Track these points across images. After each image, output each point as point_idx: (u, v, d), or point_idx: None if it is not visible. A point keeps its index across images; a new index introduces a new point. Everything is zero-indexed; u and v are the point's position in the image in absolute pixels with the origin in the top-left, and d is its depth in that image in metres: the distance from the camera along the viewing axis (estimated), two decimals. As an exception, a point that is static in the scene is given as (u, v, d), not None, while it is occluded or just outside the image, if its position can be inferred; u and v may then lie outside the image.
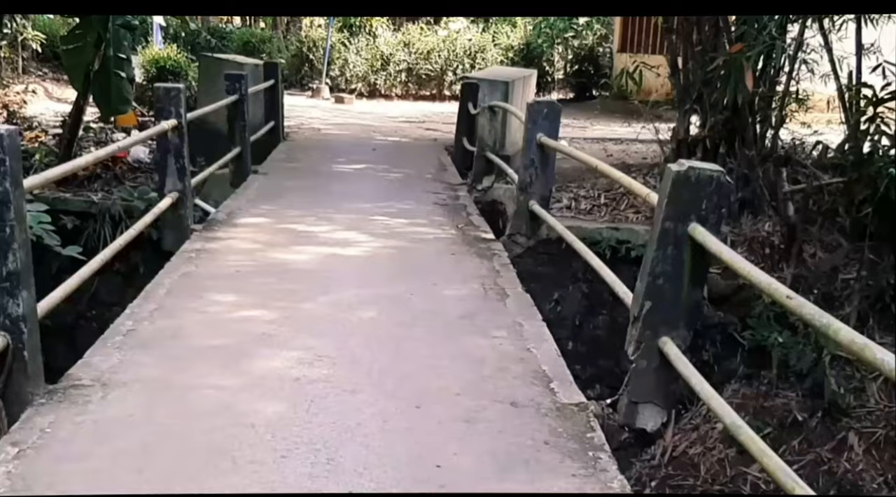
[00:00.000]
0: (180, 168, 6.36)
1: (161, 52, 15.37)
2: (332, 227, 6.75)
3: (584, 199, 10.37)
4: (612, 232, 8.92)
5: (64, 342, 9.63)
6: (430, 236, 6.67)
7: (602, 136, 14.39)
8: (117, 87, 9.71)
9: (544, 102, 6.43)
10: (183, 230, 6.42)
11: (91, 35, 9.59)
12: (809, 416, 7.58)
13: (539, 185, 6.50)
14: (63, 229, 9.42)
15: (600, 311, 9.10)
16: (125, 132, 13.56)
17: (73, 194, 9.71)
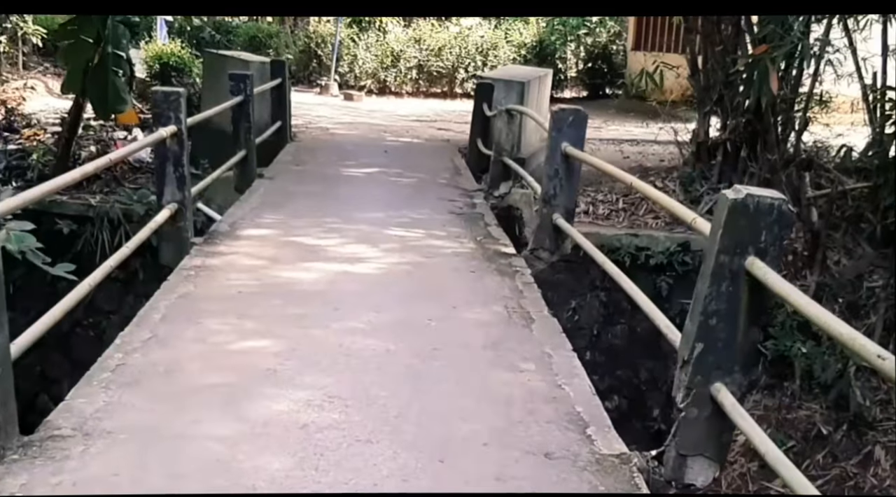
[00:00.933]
0: (180, 177, 5.94)
1: (165, 48, 14.95)
2: (342, 240, 6.33)
3: (602, 203, 9.99)
4: (632, 238, 8.57)
5: (59, 351, 9.32)
6: (448, 251, 6.24)
7: (617, 136, 13.97)
8: (115, 86, 9.37)
9: (569, 109, 5.99)
10: (182, 243, 6.00)
11: (89, 31, 9.21)
12: (834, 429, 7.26)
13: (563, 197, 6.06)
14: (58, 235, 9.05)
15: (619, 320, 8.76)
16: (126, 130, 13.21)
17: (70, 197, 9.33)
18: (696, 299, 3.40)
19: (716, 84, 10.15)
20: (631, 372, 8.93)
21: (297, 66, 19.29)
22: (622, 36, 19.92)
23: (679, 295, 8.55)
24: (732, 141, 9.89)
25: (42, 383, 9.38)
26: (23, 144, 12.35)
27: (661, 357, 8.74)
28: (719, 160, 9.99)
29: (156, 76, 14.37)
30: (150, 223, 5.59)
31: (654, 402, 8.90)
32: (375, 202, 7.79)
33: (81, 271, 8.92)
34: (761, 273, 3.17)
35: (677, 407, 3.47)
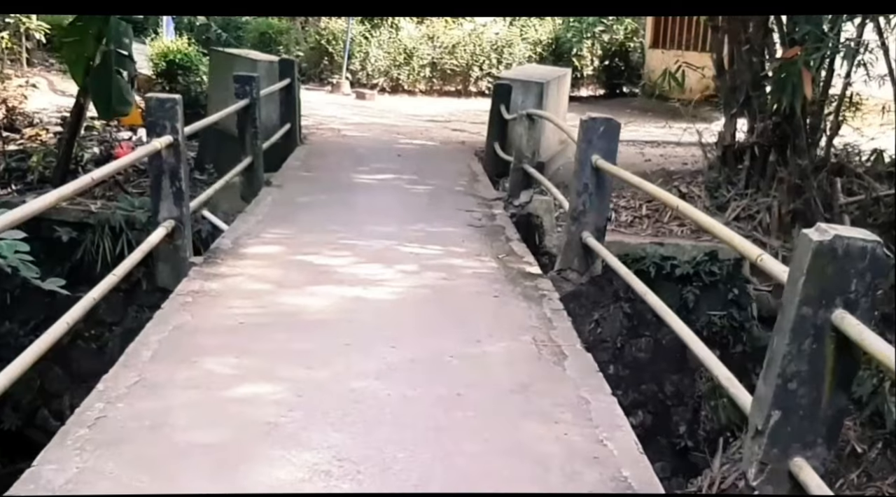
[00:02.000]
0: (177, 192, 5.42)
1: (171, 45, 14.42)
2: (354, 259, 5.80)
3: (625, 210, 9.50)
4: (657, 248, 8.09)
5: (59, 364, 8.82)
6: (468, 271, 5.71)
7: (638, 138, 13.39)
8: (118, 86, 8.91)
9: (601, 119, 5.45)
10: (180, 264, 5.49)
11: (91, 29, 8.74)
12: (869, 448, 6.83)
13: (593, 213, 5.53)
14: (57, 243, 8.56)
15: (643, 332, 8.29)
16: (131, 131, 12.73)
17: (70, 202, 8.83)
18: (771, 359, 2.85)
19: (743, 85, 9.65)
20: (656, 386, 8.49)
21: (308, 63, 18.74)
22: (639, 33, 19.34)
23: (706, 306, 8.13)
24: (760, 144, 9.40)
25: (42, 397, 8.92)
26: (24, 145, 11.89)
27: (688, 370, 8.31)
28: (746, 164, 9.48)
29: (162, 75, 13.86)
30: (144, 244, 5.08)
31: (680, 417, 8.44)
32: (389, 214, 7.26)
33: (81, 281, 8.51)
34: (852, 330, 2.63)
35: (748, 483, 2.93)
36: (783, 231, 8.89)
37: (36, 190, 9.79)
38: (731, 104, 9.94)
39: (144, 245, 4.99)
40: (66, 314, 3.76)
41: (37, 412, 8.94)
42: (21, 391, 8.65)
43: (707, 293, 8.01)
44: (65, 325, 3.68)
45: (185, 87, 13.34)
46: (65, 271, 8.81)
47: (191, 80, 13.36)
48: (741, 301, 8.14)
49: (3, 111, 13.03)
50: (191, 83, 13.34)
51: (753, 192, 9.33)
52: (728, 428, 8.02)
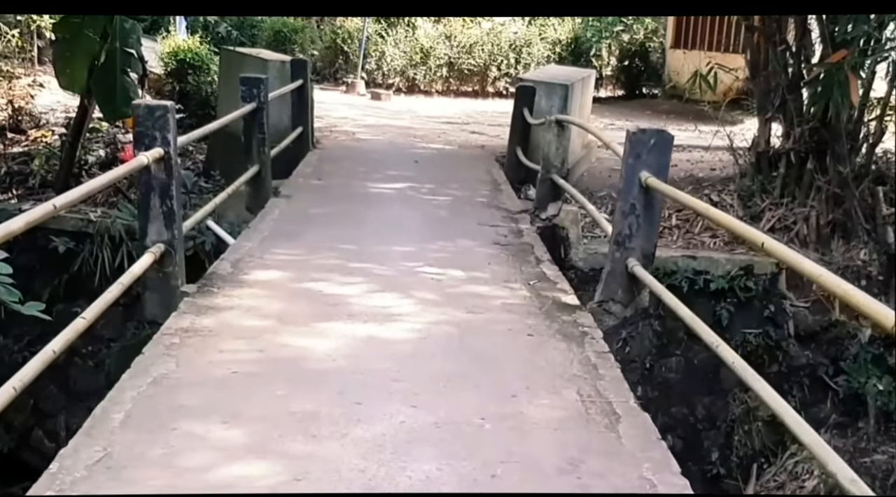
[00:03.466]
0: (168, 212, 4.62)
1: (182, 44, 13.61)
2: (368, 287, 4.98)
3: (651, 219, 8.62)
4: (689, 261, 7.35)
5: (55, 383, 7.99)
6: (497, 301, 4.88)
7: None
8: (122, 87, 8.18)
9: (651, 131, 4.62)
10: (170, 294, 4.70)
11: (94, 26, 8.00)
12: None
13: (641, 238, 4.70)
14: (53, 254, 7.85)
15: (673, 351, 7.52)
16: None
17: (67, 210, 8.07)
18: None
19: (778, 88, 8.84)
20: (686, 409, 7.79)
21: (323, 62, 17.91)
22: (658, 33, 18.42)
23: (740, 324, 7.34)
24: (796, 151, 8.61)
25: (36, 417, 8.22)
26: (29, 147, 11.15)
27: (720, 392, 7.65)
28: (782, 172, 8.69)
29: (171, 74, 13.05)
30: (126, 274, 4.27)
31: (712, 442, 7.76)
32: (406, 230, 6.45)
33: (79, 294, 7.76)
34: None
35: None
36: (821, 243, 8.14)
37: (37, 195, 9.09)
38: (766, 108, 9.17)
39: (126, 276, 4.17)
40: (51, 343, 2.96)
41: (31, 433, 8.25)
42: (13, 411, 7.99)
43: (742, 310, 7.35)
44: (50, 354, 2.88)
45: (195, 88, 12.57)
46: (62, 283, 8.19)
47: (201, 80, 12.54)
48: (777, 318, 7.46)
49: (9, 112, 12.28)
50: (201, 83, 12.53)
51: (789, 202, 8.55)
52: (762, 453, 7.35)
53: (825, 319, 7.43)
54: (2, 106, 12.61)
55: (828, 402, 7.36)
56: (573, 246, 7.47)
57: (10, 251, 8.39)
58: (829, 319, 7.33)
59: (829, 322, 7.32)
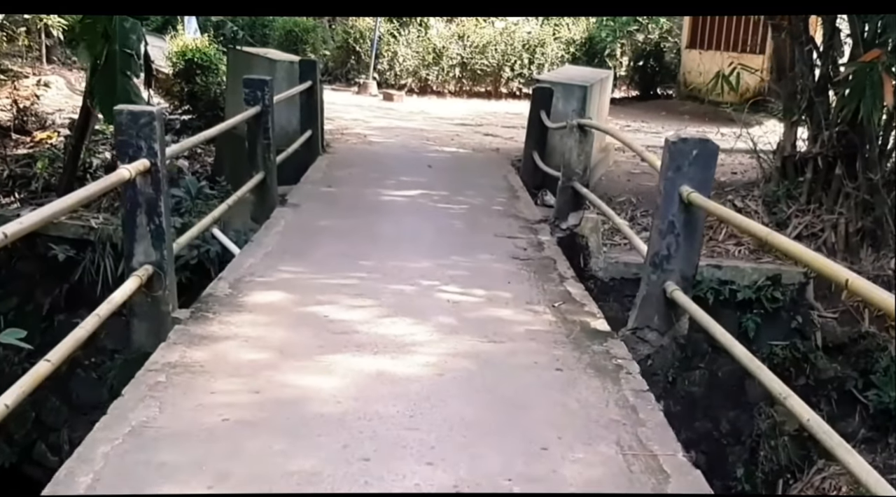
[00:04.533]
0: (156, 230, 4.09)
1: (190, 44, 13.08)
2: (378, 311, 4.43)
3: (675, 226, 8.05)
4: (714, 270, 6.81)
5: (57, 395, 7.42)
6: (519, 328, 4.32)
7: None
8: (123, 88, 7.71)
9: (693, 141, 4.04)
10: (160, 321, 4.16)
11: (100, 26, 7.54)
12: None
13: (680, 259, 4.14)
14: (54, 261, 7.39)
15: (697, 364, 6.96)
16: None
17: (69, 217, 7.59)
18: None
19: (805, 89, 8.27)
20: (710, 423, 7.32)
21: (335, 62, 17.34)
22: (673, 32, 17.79)
23: (767, 335, 6.85)
24: (824, 155, 8.04)
25: (39, 430, 7.75)
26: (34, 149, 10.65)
27: (745, 406, 7.17)
28: (808, 177, 8.13)
29: (179, 74, 12.53)
30: (106, 302, 3.73)
31: (737, 457, 7.31)
32: (420, 243, 5.91)
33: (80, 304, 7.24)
34: None
35: None
36: (850, 251, 7.60)
37: (39, 199, 8.60)
38: (792, 110, 8.60)
39: (104, 307, 3.62)
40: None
41: (33, 446, 7.77)
42: (15, 424, 7.53)
43: (768, 321, 6.86)
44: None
45: (203, 88, 12.06)
46: (63, 293, 7.71)
47: (210, 81, 12.01)
48: (805, 330, 6.96)
49: (13, 112, 11.78)
50: (210, 84, 12.00)
51: (816, 208, 8.00)
52: (788, 469, 6.86)
53: (854, 331, 6.94)
54: (6, 106, 12.13)
55: (856, 416, 6.90)
56: (593, 255, 6.94)
57: (9, 258, 7.99)
58: (859, 331, 6.88)
59: (859, 334, 6.88)
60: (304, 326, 4.18)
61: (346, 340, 4.01)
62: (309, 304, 4.49)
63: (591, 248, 6.94)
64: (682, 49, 16.79)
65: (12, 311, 7.73)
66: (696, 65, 15.71)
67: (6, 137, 11.13)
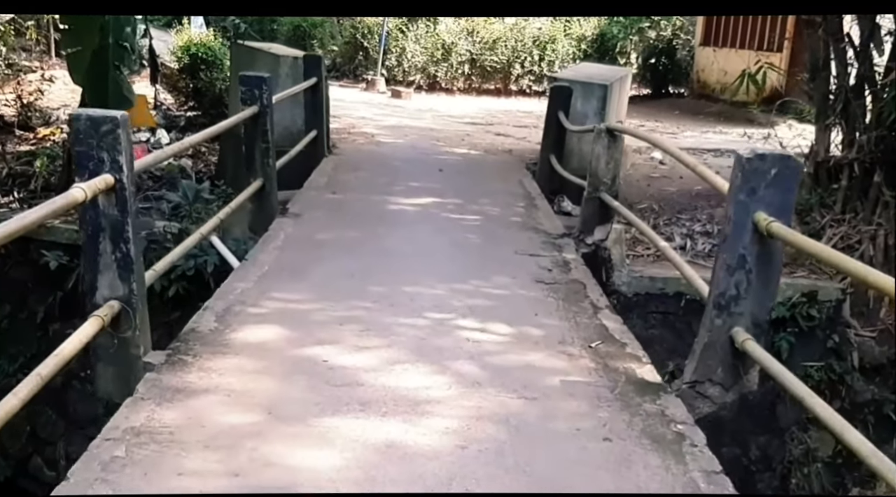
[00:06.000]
0: (122, 259, 3.27)
1: (194, 38, 12.21)
2: (386, 356, 3.61)
3: (702, 235, 7.35)
4: None
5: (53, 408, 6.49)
6: (554, 379, 3.49)
7: (696, 145, 11.05)
8: (116, 84, 6.98)
9: (772, 157, 3.19)
10: (129, 366, 3.35)
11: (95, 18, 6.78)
12: None
13: (752, 301, 3.30)
14: (47, 268, 6.62)
15: None
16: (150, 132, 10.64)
17: (62, 220, 6.83)
18: None
19: (841, 90, 7.43)
20: (739, 448, 6.58)
21: (343, 58, 16.46)
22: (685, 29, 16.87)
23: (802, 356, 6.09)
24: (860, 161, 7.21)
25: (34, 444, 7.21)
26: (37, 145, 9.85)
27: (776, 431, 6.42)
28: (844, 185, 7.30)
29: (184, 69, 11.67)
30: (69, 341, 2.90)
31: (766, 485, 6.63)
32: (434, 262, 5.08)
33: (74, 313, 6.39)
34: None
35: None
36: (890, 265, 6.75)
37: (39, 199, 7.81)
38: (826, 112, 7.75)
39: (51, 360, 2.79)
40: None
41: (29, 460, 7.23)
42: (10, 438, 7.04)
43: (803, 340, 6.11)
44: None
45: (207, 84, 11.18)
46: (56, 301, 6.98)
47: (214, 77, 11.13)
48: (841, 349, 6.28)
49: (17, 107, 10.95)
50: (214, 79, 11.13)
51: (852, 218, 7.16)
52: None
53: (893, 351, 6.19)
54: (9, 101, 11.30)
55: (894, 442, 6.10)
56: (616, 268, 6.14)
57: (3, 264, 7.26)
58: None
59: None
60: (300, 375, 3.35)
61: (348, 396, 3.18)
62: (306, 343, 3.66)
63: (615, 260, 6.14)
64: (696, 47, 15.90)
65: (6, 319, 7.15)
66: (710, 63, 14.81)
67: (9, 134, 10.34)
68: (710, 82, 14.85)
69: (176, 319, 5.92)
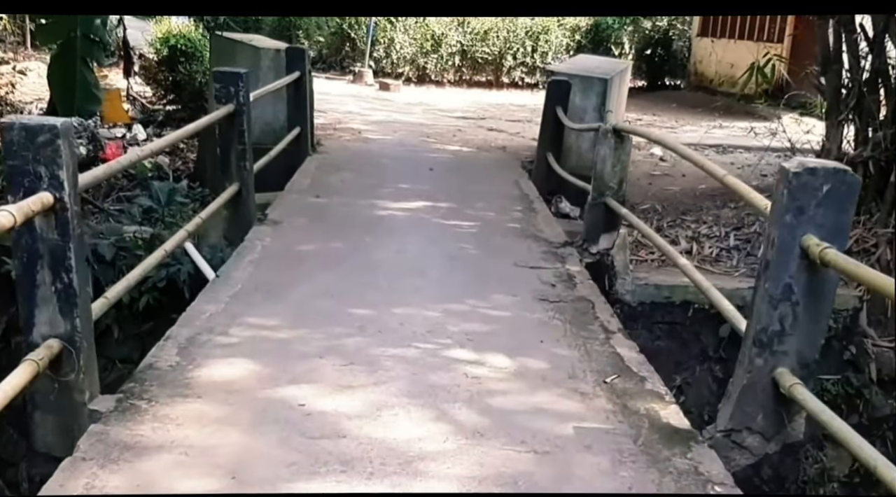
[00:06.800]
0: (64, 290, 2.77)
1: (175, 28, 11.65)
2: (373, 398, 3.11)
3: (708, 238, 6.88)
4: None
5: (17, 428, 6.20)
6: (566, 427, 3.00)
7: (697, 140, 10.59)
8: (84, 80, 6.44)
9: (824, 171, 2.70)
10: (72, 414, 2.86)
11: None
12: None
13: (799, 338, 2.83)
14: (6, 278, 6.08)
15: None
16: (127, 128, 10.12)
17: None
18: None
19: (854, 84, 7.00)
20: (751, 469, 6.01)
21: (329, 50, 15.91)
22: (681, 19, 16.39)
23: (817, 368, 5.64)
24: (876, 160, 6.77)
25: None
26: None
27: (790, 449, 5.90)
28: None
29: (164, 62, 11.11)
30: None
31: None
32: (425, 277, 4.58)
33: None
34: None
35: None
36: (903, 270, 6.31)
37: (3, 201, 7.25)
38: (838, 108, 7.30)
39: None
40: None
41: None
42: None
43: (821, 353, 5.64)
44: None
45: (187, 77, 10.63)
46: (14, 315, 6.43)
47: (194, 69, 10.59)
48: (858, 361, 5.92)
49: (-13, 101, 10.41)
50: (194, 72, 10.58)
51: (867, 220, 6.71)
52: None
53: (913, 362, 5.74)
54: (-21, 95, 10.77)
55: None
56: (619, 275, 5.67)
57: (-36, 271, 6.73)
58: (918, 363, 5.68)
59: (919, 365, 5.67)
60: (271, 424, 2.85)
61: (327, 452, 2.69)
62: (280, 381, 3.16)
63: (618, 267, 5.67)
64: (693, 37, 15.45)
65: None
66: (708, 54, 14.36)
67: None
68: (708, 74, 14.40)
69: (148, 331, 5.44)
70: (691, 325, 5.76)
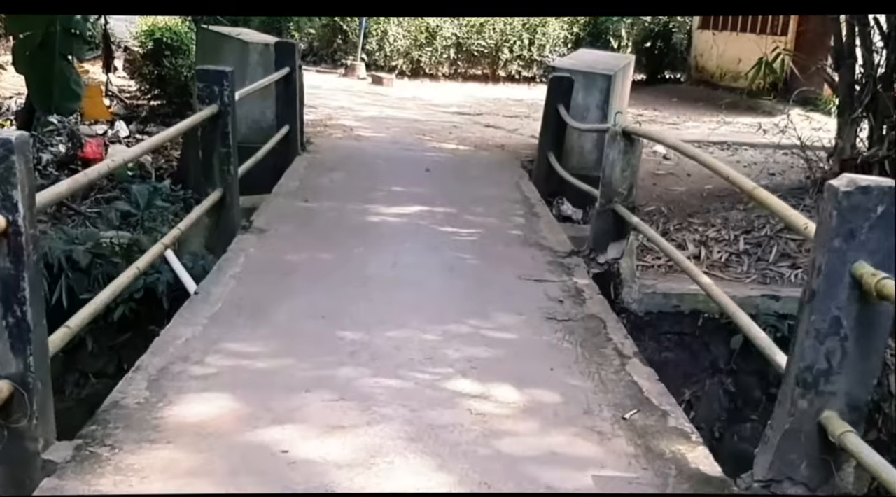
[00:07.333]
0: (15, 325, 2.45)
1: (161, 21, 11.27)
2: (365, 442, 2.78)
3: (717, 242, 6.59)
4: (770, 301, 5.23)
5: None
6: (584, 476, 2.68)
7: (701, 137, 10.29)
8: (62, 75, 6.15)
9: (878, 190, 2.36)
10: (25, 464, 2.51)
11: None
12: None
13: (848, 377, 2.49)
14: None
15: (748, 415, 5.64)
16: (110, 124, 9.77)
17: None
18: None
19: (869, 80, 6.74)
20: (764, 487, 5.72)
21: (321, 42, 15.52)
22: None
23: None
24: (892, 159, 6.52)
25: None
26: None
27: None
28: (873, 183, 6.40)
29: (149, 56, 10.74)
30: None
31: None
32: (423, 292, 4.24)
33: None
34: None
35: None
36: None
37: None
38: (852, 105, 7.05)
39: None
40: None
41: None
42: None
43: None
44: None
45: (172, 72, 10.26)
46: None
47: (179, 64, 10.22)
48: None
49: (-39, 98, 10.06)
50: (179, 67, 10.21)
51: (885, 224, 6.33)
52: None
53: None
54: (-45, 91, 10.40)
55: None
56: (626, 283, 5.37)
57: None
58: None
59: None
60: (249, 476, 2.51)
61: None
62: (261, 422, 2.82)
63: (625, 275, 5.36)
64: (694, 30, 15.13)
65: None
66: (709, 47, 14.05)
67: (-53, 127, 9.47)
68: (710, 68, 14.08)
69: (125, 342, 5.13)
70: (701, 335, 5.53)
